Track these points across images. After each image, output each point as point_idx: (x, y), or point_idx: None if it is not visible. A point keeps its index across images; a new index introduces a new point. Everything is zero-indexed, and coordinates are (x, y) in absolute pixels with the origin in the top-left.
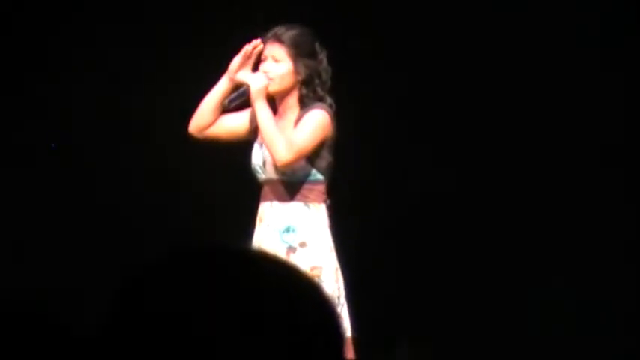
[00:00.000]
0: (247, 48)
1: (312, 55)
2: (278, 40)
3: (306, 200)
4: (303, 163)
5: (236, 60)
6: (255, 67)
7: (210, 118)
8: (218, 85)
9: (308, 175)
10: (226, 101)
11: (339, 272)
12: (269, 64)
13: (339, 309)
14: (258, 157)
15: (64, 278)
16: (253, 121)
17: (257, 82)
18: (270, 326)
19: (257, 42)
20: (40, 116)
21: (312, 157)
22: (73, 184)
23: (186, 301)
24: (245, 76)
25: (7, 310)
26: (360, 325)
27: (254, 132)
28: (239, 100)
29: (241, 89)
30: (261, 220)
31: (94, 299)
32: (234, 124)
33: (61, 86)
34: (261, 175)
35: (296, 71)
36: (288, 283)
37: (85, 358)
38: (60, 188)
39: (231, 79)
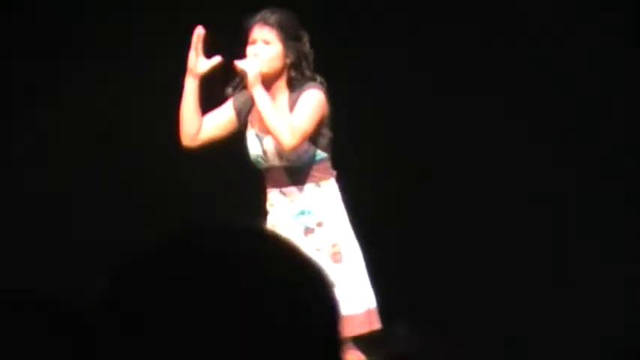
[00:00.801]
0: (193, 39)
1: (298, 38)
2: (267, 23)
3: (316, 180)
4: (306, 145)
5: (191, 55)
6: (242, 53)
7: (196, 123)
8: (186, 87)
9: (313, 156)
10: (229, 90)
11: (357, 244)
12: (259, 47)
13: (360, 281)
14: (256, 146)
15: (68, 265)
16: (241, 112)
17: (252, 68)
18: (269, 305)
19: (199, 30)
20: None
21: (313, 138)
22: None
23: (185, 280)
24: (239, 63)
25: (15, 296)
26: (382, 296)
27: (244, 123)
28: (239, 86)
29: (238, 77)
30: (272, 206)
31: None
32: (221, 121)
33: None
34: (263, 164)
35: (285, 54)
36: (288, 262)
37: (85, 340)
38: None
39: (196, 75)
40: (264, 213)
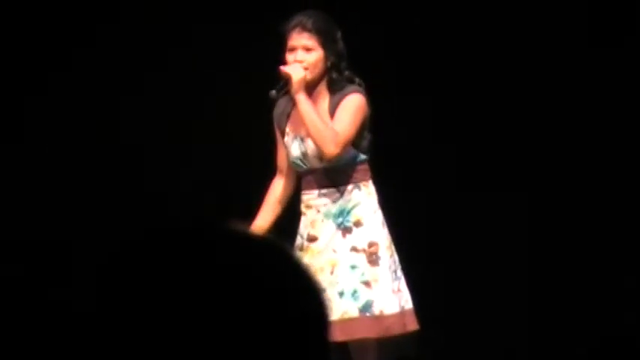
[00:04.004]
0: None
1: (335, 38)
2: (305, 29)
3: (355, 181)
4: (345, 150)
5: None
6: (282, 59)
7: (290, 188)
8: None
9: (354, 158)
10: (273, 93)
11: (393, 246)
12: (301, 54)
13: (396, 283)
14: (296, 149)
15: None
16: (280, 122)
17: (297, 74)
18: (257, 310)
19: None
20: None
21: (355, 141)
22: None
23: (168, 278)
24: (286, 68)
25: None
26: (419, 297)
27: (283, 128)
28: (282, 91)
29: (282, 82)
30: (309, 207)
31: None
32: (283, 154)
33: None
34: (303, 166)
35: (326, 57)
36: (274, 263)
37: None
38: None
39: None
40: (298, 215)
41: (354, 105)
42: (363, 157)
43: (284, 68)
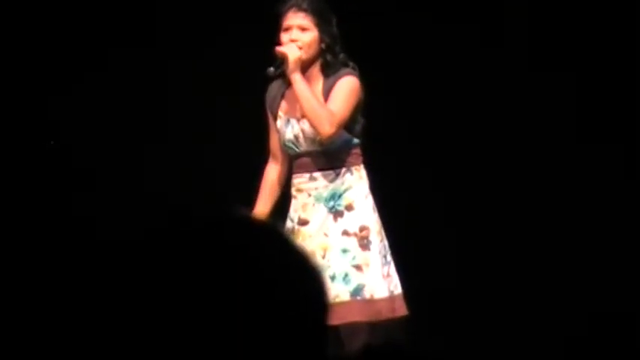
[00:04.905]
0: None
1: (330, 21)
2: (301, 9)
3: (348, 165)
4: (340, 130)
5: None
6: (276, 41)
7: (285, 172)
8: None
9: (346, 141)
10: (271, 71)
11: (383, 231)
12: (296, 33)
13: (386, 268)
14: (289, 132)
15: None
16: (272, 106)
17: (293, 54)
18: (255, 295)
19: None
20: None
21: (348, 125)
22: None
23: (171, 262)
24: (281, 48)
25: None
26: (408, 281)
27: (276, 112)
28: (279, 70)
29: (278, 62)
30: (300, 191)
31: None
32: (276, 139)
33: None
34: (296, 149)
35: (321, 39)
36: (276, 248)
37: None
38: None
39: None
40: (288, 198)
41: (348, 87)
42: (355, 141)
43: (280, 48)
